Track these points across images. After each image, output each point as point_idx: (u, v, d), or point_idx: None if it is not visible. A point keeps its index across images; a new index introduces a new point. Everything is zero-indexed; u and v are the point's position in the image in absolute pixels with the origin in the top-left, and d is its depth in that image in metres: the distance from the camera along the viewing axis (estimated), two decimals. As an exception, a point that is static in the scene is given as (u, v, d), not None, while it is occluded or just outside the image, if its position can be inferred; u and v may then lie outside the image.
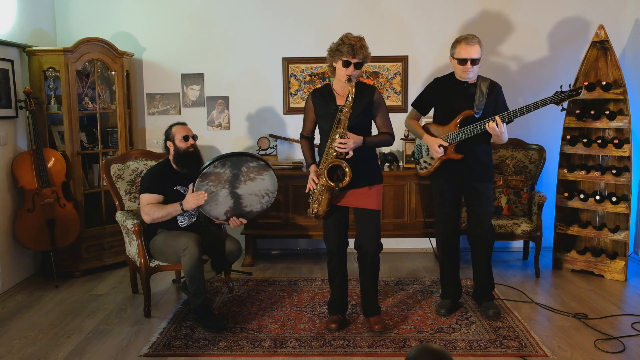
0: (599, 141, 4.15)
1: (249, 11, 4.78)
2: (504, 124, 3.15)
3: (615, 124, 4.10)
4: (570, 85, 3.21)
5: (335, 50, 3.04)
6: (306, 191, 3.20)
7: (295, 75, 4.84)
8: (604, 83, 4.11)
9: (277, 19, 4.79)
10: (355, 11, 4.75)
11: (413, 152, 3.63)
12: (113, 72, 4.48)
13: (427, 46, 4.78)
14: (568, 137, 4.30)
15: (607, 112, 4.13)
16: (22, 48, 4.22)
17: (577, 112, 4.25)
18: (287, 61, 4.82)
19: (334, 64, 3.09)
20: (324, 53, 4.73)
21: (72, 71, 4.20)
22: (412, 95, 4.83)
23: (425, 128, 3.44)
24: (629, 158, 4.06)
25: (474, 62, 3.23)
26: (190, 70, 4.86)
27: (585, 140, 4.21)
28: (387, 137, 3.16)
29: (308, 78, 4.84)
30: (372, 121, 3.20)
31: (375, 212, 3.16)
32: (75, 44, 4.22)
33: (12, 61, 4.09)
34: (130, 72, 4.68)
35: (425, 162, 3.50)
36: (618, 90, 4.09)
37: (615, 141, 4.07)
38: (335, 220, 3.19)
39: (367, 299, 3.28)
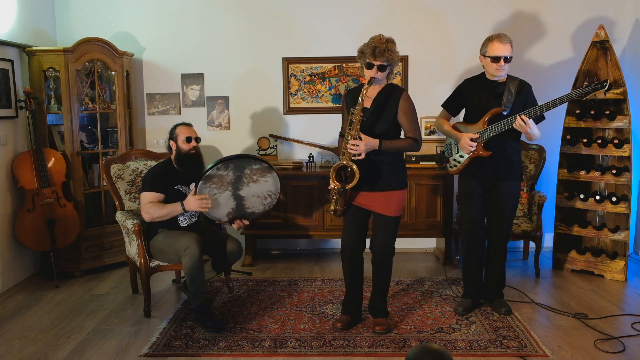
0: (599, 141, 4.15)
1: (249, 11, 4.78)
2: (531, 120, 3.18)
3: (615, 124, 4.10)
4: (595, 79, 3.22)
5: (361, 52, 3.05)
6: (329, 188, 3.13)
7: (295, 75, 4.84)
8: (604, 83, 4.11)
9: (277, 19, 4.79)
10: (355, 11, 4.75)
11: (443, 151, 3.64)
12: (113, 72, 4.48)
13: (427, 46, 4.78)
14: (568, 137, 4.30)
15: (607, 112, 4.13)
16: (22, 48, 4.22)
17: (577, 112, 4.25)
18: (287, 61, 4.82)
19: (363, 65, 3.08)
20: (324, 53, 4.83)
21: (72, 71, 4.20)
22: (412, 94, 4.81)
23: (455, 127, 3.47)
24: (629, 158, 4.07)
25: (507, 59, 3.27)
26: (190, 70, 4.86)
27: (585, 140, 4.21)
28: (411, 142, 3.07)
29: (308, 78, 4.84)
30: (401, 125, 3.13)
31: (392, 218, 3.13)
32: (75, 44, 4.22)
33: (12, 61, 4.09)
34: (130, 72, 4.68)
35: (455, 160, 3.51)
36: (618, 90, 4.09)
37: (615, 141, 4.07)
38: (353, 220, 3.18)
39: (374, 300, 3.29)
